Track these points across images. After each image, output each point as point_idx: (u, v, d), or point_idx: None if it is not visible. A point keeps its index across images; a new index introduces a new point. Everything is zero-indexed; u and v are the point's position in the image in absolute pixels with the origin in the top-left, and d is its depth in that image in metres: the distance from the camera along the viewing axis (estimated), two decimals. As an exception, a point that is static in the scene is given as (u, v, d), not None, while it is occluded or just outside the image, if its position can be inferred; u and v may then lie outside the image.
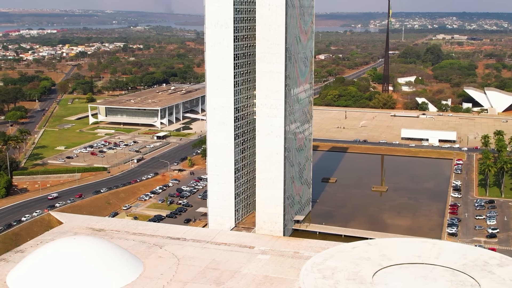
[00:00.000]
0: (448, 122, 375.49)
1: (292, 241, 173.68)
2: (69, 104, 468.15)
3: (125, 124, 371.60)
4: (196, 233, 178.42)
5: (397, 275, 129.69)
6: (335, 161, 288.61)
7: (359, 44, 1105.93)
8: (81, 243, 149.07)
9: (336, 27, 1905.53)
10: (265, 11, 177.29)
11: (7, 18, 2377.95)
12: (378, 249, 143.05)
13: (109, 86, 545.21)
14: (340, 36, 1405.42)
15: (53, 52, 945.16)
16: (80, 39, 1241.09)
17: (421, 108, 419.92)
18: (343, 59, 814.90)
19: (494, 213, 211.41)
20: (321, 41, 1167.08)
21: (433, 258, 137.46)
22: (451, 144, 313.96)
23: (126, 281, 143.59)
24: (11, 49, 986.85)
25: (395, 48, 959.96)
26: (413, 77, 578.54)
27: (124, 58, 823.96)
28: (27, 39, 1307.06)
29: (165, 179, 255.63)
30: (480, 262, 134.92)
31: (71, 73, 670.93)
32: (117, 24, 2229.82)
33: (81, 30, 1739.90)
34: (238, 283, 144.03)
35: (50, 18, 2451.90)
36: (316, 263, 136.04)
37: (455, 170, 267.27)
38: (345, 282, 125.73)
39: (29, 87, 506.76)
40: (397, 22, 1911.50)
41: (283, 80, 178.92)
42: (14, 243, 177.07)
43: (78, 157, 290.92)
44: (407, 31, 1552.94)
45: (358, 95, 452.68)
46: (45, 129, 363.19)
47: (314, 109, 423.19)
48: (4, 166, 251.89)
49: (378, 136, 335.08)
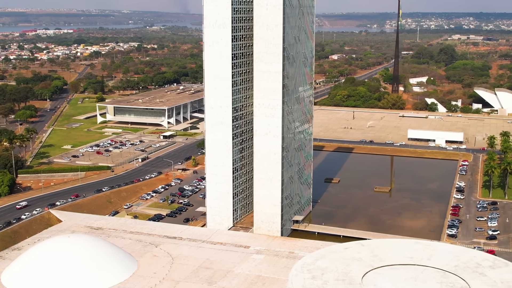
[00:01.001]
0: (457, 123, 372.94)
1: (287, 241, 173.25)
2: (79, 103, 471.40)
3: (133, 124, 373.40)
4: (193, 233, 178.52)
5: (387, 276, 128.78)
6: (339, 162, 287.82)
7: (373, 44, 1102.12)
8: (75, 242, 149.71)
9: (352, 28, 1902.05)
10: (262, 11, 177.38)
11: (25, 18, 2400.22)
12: (370, 250, 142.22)
13: (120, 85, 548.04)
14: (355, 36, 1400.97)
15: (67, 51, 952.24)
16: (95, 39, 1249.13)
17: (430, 109, 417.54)
18: (356, 59, 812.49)
19: (496, 214, 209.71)
20: (335, 41, 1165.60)
21: (425, 260, 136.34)
22: (458, 145, 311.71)
23: (119, 279, 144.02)
24: (27, 49, 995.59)
25: (409, 48, 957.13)
26: (425, 77, 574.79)
27: (137, 58, 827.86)
28: (43, 39, 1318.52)
29: (168, 178, 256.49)
30: (473, 264, 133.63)
31: (84, 72, 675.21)
32: (133, 24, 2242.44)
33: (97, 30, 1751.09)
34: (230, 283, 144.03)
35: (67, 18, 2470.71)
36: (307, 263, 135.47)
37: (460, 171, 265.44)
38: (333, 282, 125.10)
39: (40, 86, 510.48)
40: (413, 22, 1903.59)
41: (280, 80, 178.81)
42: (13, 240, 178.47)
43: (84, 156, 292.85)
44: (423, 31, 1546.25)
45: (367, 95, 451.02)
46: (53, 128, 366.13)
47: (323, 110, 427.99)
48: (9, 165, 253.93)
49: (385, 136, 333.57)
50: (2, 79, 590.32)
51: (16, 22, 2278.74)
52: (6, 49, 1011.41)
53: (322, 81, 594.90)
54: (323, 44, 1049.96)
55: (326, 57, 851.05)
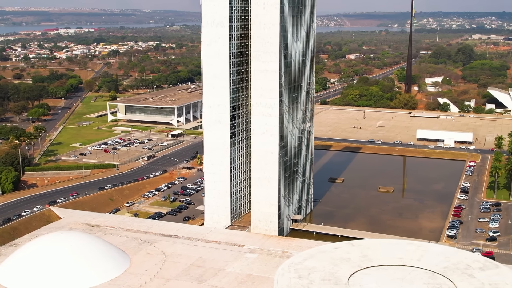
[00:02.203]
0: (468, 123, 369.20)
1: (282, 241, 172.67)
2: (92, 102, 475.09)
3: (143, 122, 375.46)
4: (189, 231, 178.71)
5: (374, 277, 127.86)
6: (345, 161, 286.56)
7: (392, 44, 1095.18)
8: (67, 239, 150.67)
9: (372, 27, 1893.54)
10: (260, 9, 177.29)
11: (47, 17, 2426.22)
12: (360, 250, 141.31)
13: (134, 84, 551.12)
14: (375, 36, 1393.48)
15: (86, 50, 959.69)
16: (115, 38, 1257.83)
17: (442, 109, 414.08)
18: (373, 58, 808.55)
19: (498, 216, 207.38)
20: (354, 41, 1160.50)
21: (415, 260, 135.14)
22: (467, 145, 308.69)
23: (110, 276, 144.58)
24: (46, 48, 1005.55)
25: (428, 48, 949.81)
26: (440, 77, 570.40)
27: (155, 57, 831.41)
28: (64, 38, 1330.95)
29: (172, 176, 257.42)
30: (462, 265, 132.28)
31: (101, 71, 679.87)
32: (154, 23, 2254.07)
33: (117, 29, 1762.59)
34: (220, 281, 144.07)
35: (88, 17, 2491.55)
36: (295, 262, 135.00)
37: (467, 171, 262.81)
38: (319, 282, 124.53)
39: (56, 84, 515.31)
40: (434, 22, 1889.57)
41: (277, 79, 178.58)
42: (12, 237, 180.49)
43: (91, 154, 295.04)
44: (444, 31, 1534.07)
45: (379, 95, 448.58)
46: (64, 126, 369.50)
47: (334, 109, 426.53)
48: (16, 162, 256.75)
49: (394, 136, 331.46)
50: (19, 78, 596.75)
51: (39, 21, 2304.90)
52: (27, 48, 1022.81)
53: (337, 80, 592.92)
54: (340, 44, 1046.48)
55: (343, 56, 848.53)
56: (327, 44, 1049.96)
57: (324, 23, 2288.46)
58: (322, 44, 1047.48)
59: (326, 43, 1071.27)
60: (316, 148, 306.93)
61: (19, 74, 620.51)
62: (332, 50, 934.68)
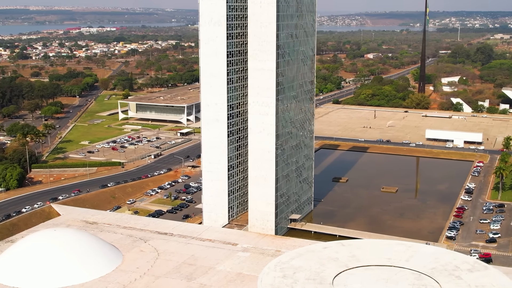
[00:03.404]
0: (480, 124, 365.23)
1: (277, 240, 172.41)
2: (106, 100, 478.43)
3: (153, 121, 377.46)
4: (185, 229, 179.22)
5: (359, 277, 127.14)
6: (351, 161, 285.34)
7: (412, 43, 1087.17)
8: (60, 236, 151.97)
9: (394, 26, 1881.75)
10: (256, 8, 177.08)
11: (70, 16, 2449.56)
12: (349, 250, 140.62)
13: (149, 83, 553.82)
14: (395, 35, 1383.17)
15: (106, 49, 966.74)
16: (135, 37, 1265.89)
17: (455, 109, 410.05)
18: (392, 58, 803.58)
19: (500, 217, 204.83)
20: (374, 40, 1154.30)
21: (403, 261, 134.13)
22: (476, 145, 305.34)
23: (101, 273, 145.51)
24: (67, 46, 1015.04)
25: (448, 47, 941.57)
26: (457, 77, 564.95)
27: (172, 56, 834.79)
28: (86, 37, 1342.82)
29: (177, 175, 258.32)
30: (451, 266, 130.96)
31: (118, 70, 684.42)
32: (176, 23, 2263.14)
33: (139, 28, 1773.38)
34: (209, 280, 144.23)
35: (111, 16, 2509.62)
36: (282, 261, 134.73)
37: (473, 172, 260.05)
38: (303, 282, 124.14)
39: (71, 83, 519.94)
40: (457, 21, 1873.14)
41: (274, 77, 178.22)
42: (10, 233, 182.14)
43: (99, 152, 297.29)
44: (466, 30, 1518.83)
45: (391, 94, 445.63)
46: (75, 124, 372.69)
47: (346, 108, 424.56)
48: (23, 159, 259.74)
49: (403, 136, 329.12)
50: (37, 76, 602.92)
51: (62, 20, 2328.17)
52: (47, 46, 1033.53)
53: (352, 80, 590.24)
54: (359, 43, 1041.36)
55: (361, 56, 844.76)
56: (346, 43, 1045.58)
57: (346, 22, 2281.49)
58: (341, 43, 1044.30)
59: (346, 42, 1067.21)
60: (323, 147, 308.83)
61: (37, 73, 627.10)
62: (350, 50, 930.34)
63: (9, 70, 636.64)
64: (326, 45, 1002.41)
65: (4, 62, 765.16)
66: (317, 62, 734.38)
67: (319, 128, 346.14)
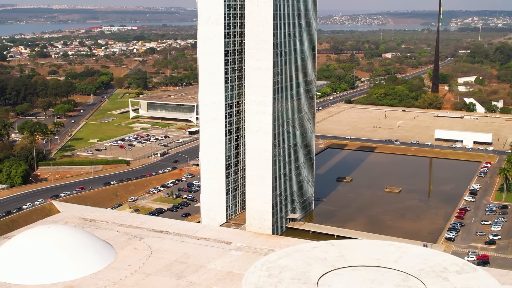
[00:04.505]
0: (492, 124, 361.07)
1: (271, 239, 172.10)
2: (119, 98, 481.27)
3: (164, 119, 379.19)
4: (181, 227, 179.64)
5: (345, 277, 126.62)
6: (357, 161, 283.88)
7: (431, 42, 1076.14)
8: (54, 233, 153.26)
9: (416, 26, 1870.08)
10: (253, 7, 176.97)
11: (93, 15, 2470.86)
12: (338, 250, 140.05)
13: (164, 81, 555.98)
14: (416, 35, 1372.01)
15: (125, 48, 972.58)
16: (155, 36, 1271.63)
17: (468, 109, 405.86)
18: (409, 57, 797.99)
19: (502, 219, 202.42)
20: (393, 40, 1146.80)
21: (391, 262, 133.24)
22: (485, 146, 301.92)
23: (92, 270, 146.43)
24: (86, 45, 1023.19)
25: (468, 47, 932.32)
26: (474, 77, 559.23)
27: (190, 55, 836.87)
28: (107, 36, 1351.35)
29: (181, 173, 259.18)
30: (439, 268, 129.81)
31: (135, 68, 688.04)
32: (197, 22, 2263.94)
33: (160, 27, 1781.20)
34: (199, 278, 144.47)
35: (133, 15, 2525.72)
36: (269, 261, 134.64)
37: (480, 173, 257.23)
38: (288, 281, 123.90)
39: (87, 81, 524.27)
40: (480, 21, 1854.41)
41: (271, 76, 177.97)
42: (10, 229, 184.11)
43: (107, 149, 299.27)
44: (488, 30, 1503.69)
45: (404, 94, 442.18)
46: (86, 122, 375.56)
47: (357, 108, 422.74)
48: (30, 157, 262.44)
49: (413, 136, 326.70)
50: (54, 74, 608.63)
51: (85, 19, 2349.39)
52: (67, 45, 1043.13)
53: (367, 79, 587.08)
54: (378, 42, 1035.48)
55: (379, 55, 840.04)
56: (365, 42, 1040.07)
57: (367, 21, 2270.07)
58: (360, 42, 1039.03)
59: (364, 41, 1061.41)
60: (330, 147, 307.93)
61: (54, 71, 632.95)
62: (368, 49, 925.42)
63: (27, 69, 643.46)
64: (345, 44, 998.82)
65: (24, 60, 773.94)
66: (334, 61, 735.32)
67: (328, 127, 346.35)
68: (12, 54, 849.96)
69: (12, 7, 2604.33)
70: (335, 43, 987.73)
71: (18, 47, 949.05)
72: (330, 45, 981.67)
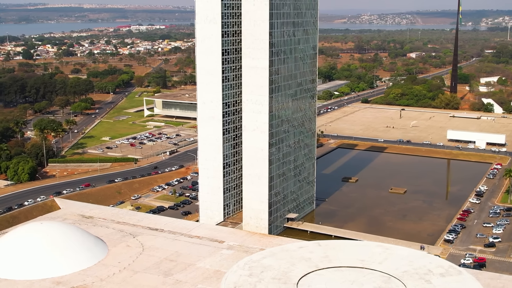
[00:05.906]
0: (508, 125, 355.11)
1: (264, 238, 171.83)
2: (136, 97, 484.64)
3: (178, 118, 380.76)
4: (176, 225, 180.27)
5: (325, 278, 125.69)
6: (366, 161, 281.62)
7: (459, 42, 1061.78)
8: (46, 229, 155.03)
9: (445, 25, 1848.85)
10: (250, 6, 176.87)
11: (122, 14, 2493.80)
12: (324, 251, 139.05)
13: (183, 80, 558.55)
14: (444, 34, 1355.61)
15: (150, 47, 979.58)
16: (182, 35, 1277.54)
17: (485, 109, 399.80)
18: (434, 57, 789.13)
19: (505, 221, 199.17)
20: (420, 39, 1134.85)
21: (376, 263, 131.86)
22: (498, 147, 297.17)
23: (82, 266, 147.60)
24: (112, 44, 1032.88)
25: (494, 47, 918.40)
26: (497, 77, 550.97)
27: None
28: (134, 35, 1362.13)
29: (187, 172, 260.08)
30: (423, 270, 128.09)
31: (158, 67, 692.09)
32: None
33: (187, 26, 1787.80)
34: (186, 276, 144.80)
35: (162, 14, 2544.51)
36: (253, 260, 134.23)
37: (488, 175, 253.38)
38: (268, 281, 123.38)
39: (107, 79, 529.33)
40: (511, 20, 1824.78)
41: (267, 75, 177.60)
42: (10, 225, 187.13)
43: (117, 147, 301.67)
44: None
45: (421, 94, 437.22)
46: (100, 120, 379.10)
47: (373, 108, 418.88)
48: (40, 154, 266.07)
49: (425, 137, 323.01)
50: (77, 73, 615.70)
51: (114, 18, 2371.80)
52: (94, 44, 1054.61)
53: (387, 79, 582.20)
54: (404, 42, 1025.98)
55: (403, 55, 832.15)
56: (390, 42, 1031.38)
57: (396, 20, 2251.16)
58: (385, 42, 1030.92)
59: (390, 41, 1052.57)
60: (340, 146, 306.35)
61: (77, 69, 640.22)
62: (393, 48, 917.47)
63: (51, 67, 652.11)
64: (370, 44, 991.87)
65: (50, 59, 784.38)
66: (356, 61, 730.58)
67: (341, 127, 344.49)
68: (39, 52, 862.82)
69: (44, 6, 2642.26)
70: (360, 42, 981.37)
71: (45, 45, 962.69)
72: (355, 44, 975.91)
